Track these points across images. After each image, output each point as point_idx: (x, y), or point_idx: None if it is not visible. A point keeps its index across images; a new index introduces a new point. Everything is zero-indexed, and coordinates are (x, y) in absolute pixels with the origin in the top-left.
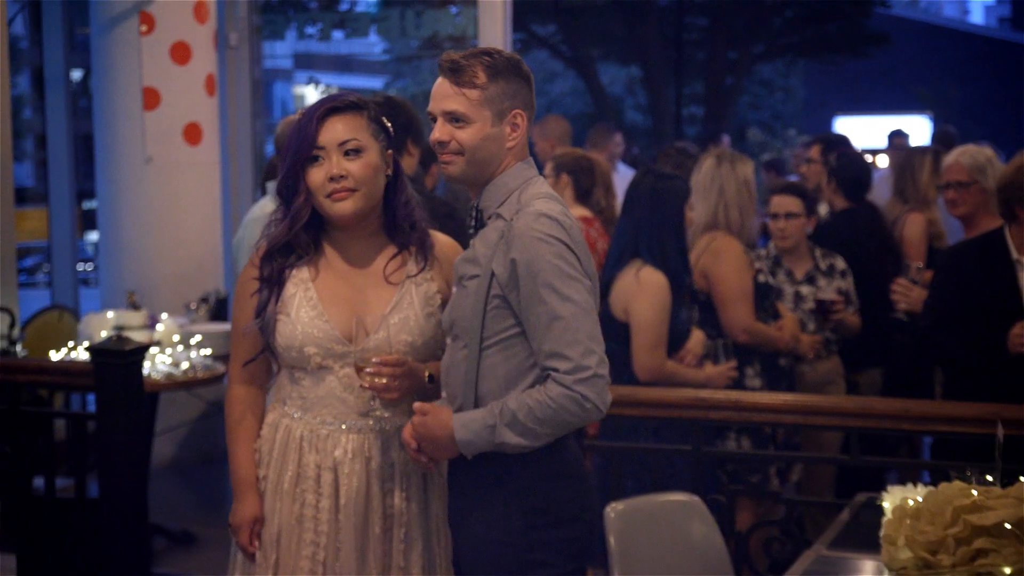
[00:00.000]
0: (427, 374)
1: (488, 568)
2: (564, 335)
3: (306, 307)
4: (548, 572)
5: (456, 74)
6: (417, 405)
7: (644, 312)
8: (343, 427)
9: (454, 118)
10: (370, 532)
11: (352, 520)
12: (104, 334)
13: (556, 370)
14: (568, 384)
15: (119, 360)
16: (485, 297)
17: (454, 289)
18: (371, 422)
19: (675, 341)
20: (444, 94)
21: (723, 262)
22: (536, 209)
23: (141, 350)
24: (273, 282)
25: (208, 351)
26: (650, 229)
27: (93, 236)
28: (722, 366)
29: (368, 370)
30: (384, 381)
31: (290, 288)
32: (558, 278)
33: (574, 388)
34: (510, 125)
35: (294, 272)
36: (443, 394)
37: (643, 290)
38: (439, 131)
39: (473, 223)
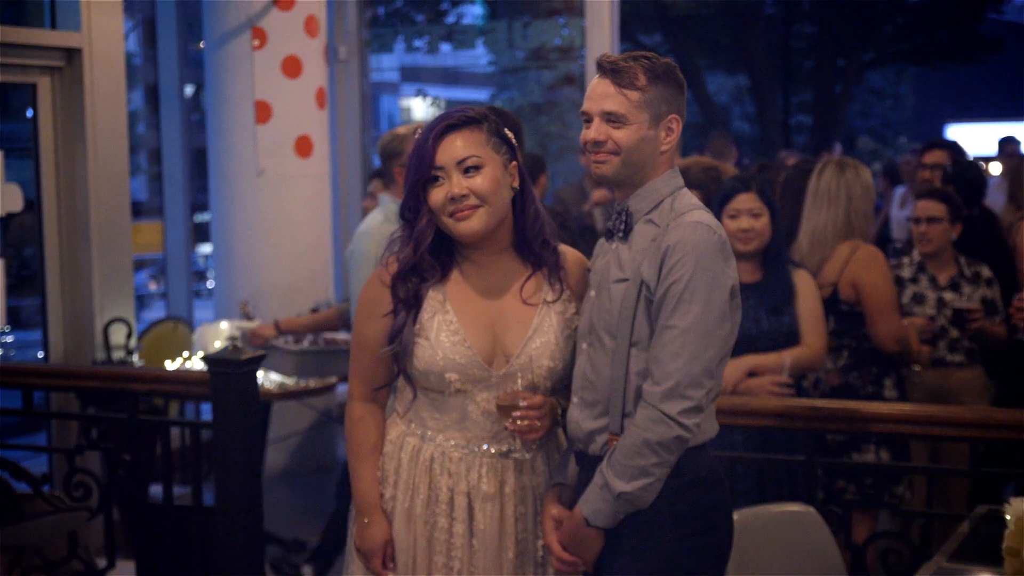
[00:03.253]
0: (559, 411)
1: None
2: (670, 346)
3: (446, 331)
4: None
5: (617, 75)
6: (554, 513)
7: None
8: (477, 451)
9: (612, 118)
10: (504, 557)
11: (488, 545)
12: (218, 344)
13: (648, 380)
14: (653, 402)
15: (235, 370)
16: (635, 301)
17: (591, 293)
18: (505, 448)
19: None
20: (604, 94)
21: (873, 271)
22: (695, 219)
23: (256, 360)
24: (410, 304)
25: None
26: None
27: (205, 248)
28: (768, 378)
29: (516, 414)
30: (528, 423)
31: (427, 311)
32: (695, 290)
33: (659, 406)
34: (665, 130)
35: (430, 293)
36: (573, 399)
37: None
38: (596, 131)
39: (622, 226)
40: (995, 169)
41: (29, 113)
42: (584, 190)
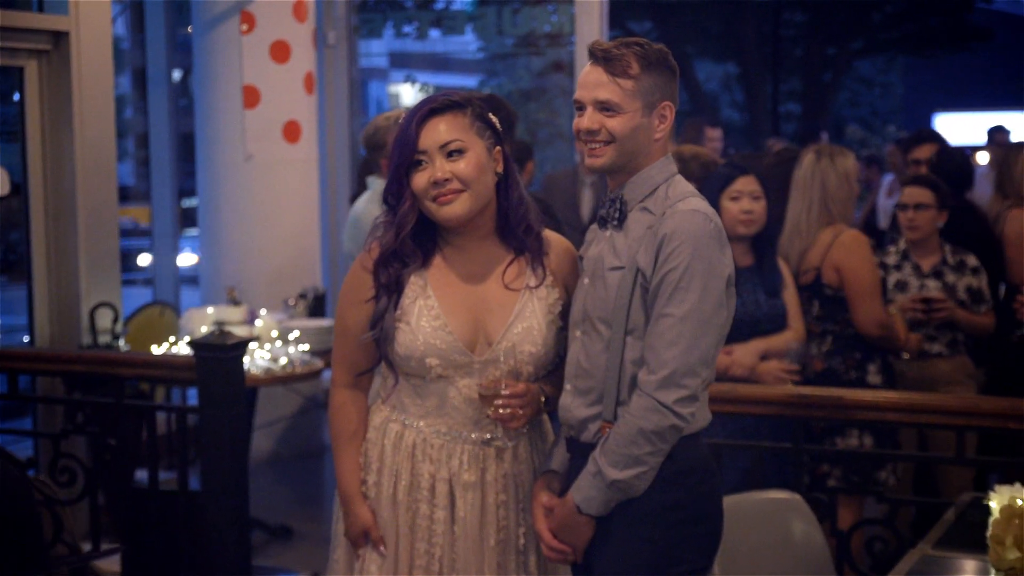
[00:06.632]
0: (543, 398)
1: (627, 568)
2: (666, 334)
3: (427, 316)
4: (684, 569)
5: (609, 63)
6: (545, 501)
7: None
8: (458, 438)
9: (605, 107)
10: (485, 545)
11: (469, 532)
12: (204, 329)
13: (643, 369)
14: (649, 391)
15: (221, 354)
16: (631, 289)
17: (584, 281)
18: (487, 435)
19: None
20: (596, 82)
21: (855, 255)
22: (691, 207)
23: (242, 345)
24: (391, 289)
25: (306, 347)
26: None
27: (191, 233)
28: (775, 363)
29: (498, 402)
30: (510, 411)
31: (408, 296)
32: (692, 279)
33: (654, 394)
34: (658, 117)
35: (412, 278)
36: (566, 387)
37: None
38: (589, 120)
39: (617, 214)
40: (982, 158)
41: (16, 96)
42: (578, 175)
